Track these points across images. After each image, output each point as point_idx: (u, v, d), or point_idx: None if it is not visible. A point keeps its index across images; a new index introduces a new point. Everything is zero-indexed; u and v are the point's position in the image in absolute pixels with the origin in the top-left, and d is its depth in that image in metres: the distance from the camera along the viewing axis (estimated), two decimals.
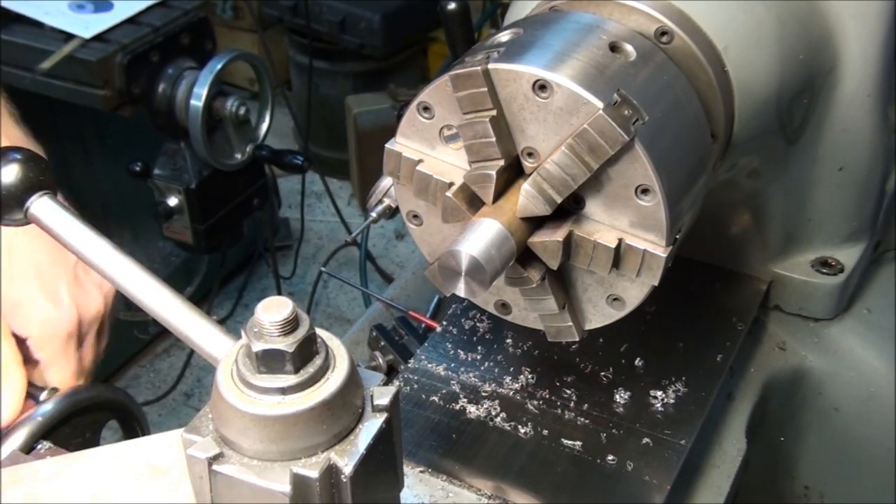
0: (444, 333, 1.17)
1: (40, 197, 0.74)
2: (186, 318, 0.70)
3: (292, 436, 0.62)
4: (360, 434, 0.64)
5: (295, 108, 3.70)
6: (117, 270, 0.73)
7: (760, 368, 1.25)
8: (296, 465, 0.62)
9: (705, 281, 1.27)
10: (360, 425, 0.65)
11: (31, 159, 0.74)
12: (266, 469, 0.62)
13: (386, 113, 3.51)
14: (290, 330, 0.62)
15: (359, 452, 0.63)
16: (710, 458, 1.12)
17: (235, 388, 0.63)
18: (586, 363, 1.13)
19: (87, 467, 0.78)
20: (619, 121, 0.80)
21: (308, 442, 0.63)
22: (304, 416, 0.62)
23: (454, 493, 0.98)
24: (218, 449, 0.63)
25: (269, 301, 0.63)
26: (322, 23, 3.79)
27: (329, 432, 0.63)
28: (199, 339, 0.71)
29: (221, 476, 0.63)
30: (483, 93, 0.84)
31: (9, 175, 0.72)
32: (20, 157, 0.74)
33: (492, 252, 0.81)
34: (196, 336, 0.70)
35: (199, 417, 0.66)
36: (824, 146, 1.16)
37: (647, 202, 0.84)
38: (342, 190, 4.06)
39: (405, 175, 0.92)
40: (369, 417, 0.65)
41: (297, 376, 0.63)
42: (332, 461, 0.63)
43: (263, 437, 0.62)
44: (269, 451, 0.63)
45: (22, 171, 0.73)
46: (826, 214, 1.24)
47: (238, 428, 0.63)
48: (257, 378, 0.63)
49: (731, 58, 0.98)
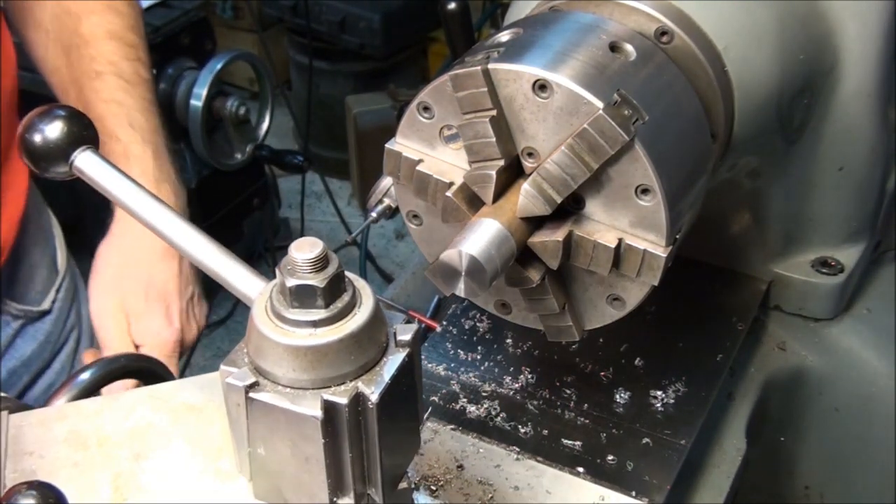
0: (444, 333, 1.17)
1: (84, 151, 0.78)
2: (223, 262, 0.75)
3: (322, 365, 0.67)
4: (385, 366, 0.69)
5: (295, 108, 3.70)
6: (157, 218, 0.77)
7: (760, 368, 1.25)
8: (326, 393, 0.67)
9: (705, 281, 1.27)
10: (384, 358, 0.70)
11: (74, 115, 0.79)
12: (298, 396, 0.67)
13: (386, 113, 3.51)
14: (321, 267, 0.67)
15: (384, 382, 0.68)
16: (710, 458, 1.12)
17: (270, 322, 0.68)
18: (586, 363, 1.13)
19: (126, 406, 0.86)
20: (619, 121, 0.80)
21: (337, 371, 0.67)
22: (334, 346, 0.66)
23: (484, 449, 1.01)
24: (254, 378, 0.68)
25: (301, 241, 0.68)
26: (322, 23, 3.79)
27: (356, 363, 0.68)
28: (235, 280, 0.76)
29: (257, 403, 0.68)
30: (483, 93, 0.84)
31: (54, 131, 0.77)
32: (64, 114, 0.79)
33: (492, 252, 0.81)
34: (232, 278, 0.75)
35: (236, 351, 0.70)
36: (824, 146, 1.16)
37: (647, 202, 0.84)
38: (342, 190, 4.06)
39: (405, 175, 0.92)
40: (393, 351, 0.70)
41: (327, 310, 0.67)
42: (360, 389, 0.67)
43: (296, 366, 0.67)
44: (301, 380, 0.67)
45: (66, 127, 0.78)
46: (826, 214, 1.24)
47: (273, 359, 0.67)
48: (290, 312, 0.67)
49: (731, 58, 0.98)
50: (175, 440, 0.83)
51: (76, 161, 0.78)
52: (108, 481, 0.79)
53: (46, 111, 0.78)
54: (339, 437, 0.68)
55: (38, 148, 0.76)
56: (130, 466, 0.80)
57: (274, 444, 0.70)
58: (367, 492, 0.72)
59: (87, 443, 0.83)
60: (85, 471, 0.80)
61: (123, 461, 0.81)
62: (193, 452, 0.81)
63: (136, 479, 0.79)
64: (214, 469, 0.80)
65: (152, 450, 0.82)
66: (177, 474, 0.80)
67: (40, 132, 0.76)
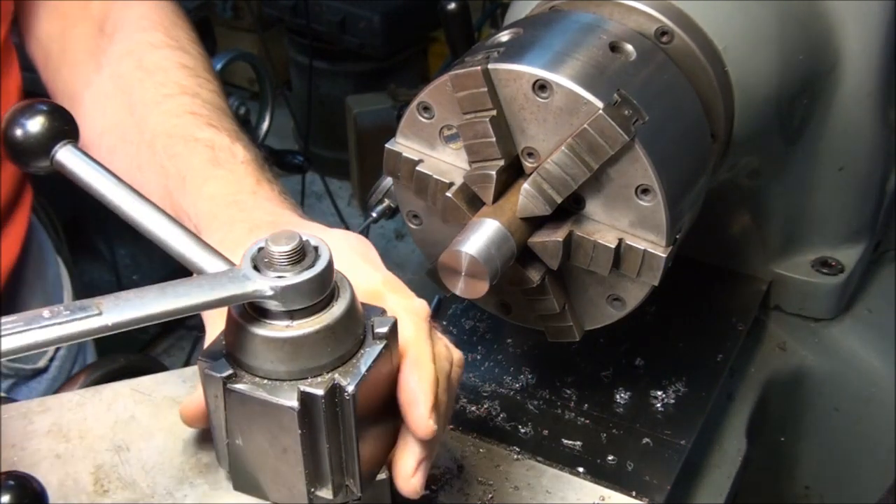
0: (444, 334, 1.17)
1: (65, 145, 0.78)
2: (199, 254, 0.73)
3: (300, 357, 0.68)
4: (361, 358, 0.70)
5: (295, 108, 3.70)
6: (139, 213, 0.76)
7: (760, 368, 1.25)
8: (303, 385, 0.68)
9: (705, 281, 1.27)
10: (361, 350, 0.71)
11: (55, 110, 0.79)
12: (276, 388, 0.68)
13: (386, 113, 3.51)
14: (297, 260, 0.68)
15: (360, 373, 0.69)
16: (710, 458, 1.12)
17: (248, 314, 0.68)
18: (586, 363, 1.13)
19: (108, 399, 0.87)
20: (619, 121, 0.80)
21: (314, 363, 0.68)
22: (311, 338, 0.67)
23: (485, 449, 1.01)
24: (231, 370, 0.69)
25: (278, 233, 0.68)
26: (322, 23, 3.78)
27: (333, 355, 0.69)
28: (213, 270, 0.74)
29: (235, 394, 0.69)
30: (483, 93, 0.84)
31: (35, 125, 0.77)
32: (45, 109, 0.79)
33: (492, 252, 0.81)
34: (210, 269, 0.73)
35: (214, 343, 0.71)
36: (824, 146, 1.16)
37: (647, 202, 0.84)
38: (342, 190, 4.06)
39: (405, 175, 0.92)
40: (370, 344, 0.71)
41: None
42: (336, 381, 0.68)
43: (273, 358, 0.68)
44: (278, 371, 0.68)
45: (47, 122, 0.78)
46: (826, 214, 1.24)
47: (250, 350, 0.68)
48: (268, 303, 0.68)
49: (731, 58, 0.98)
50: (156, 433, 0.83)
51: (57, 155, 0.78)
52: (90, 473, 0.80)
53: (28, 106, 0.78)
54: (316, 429, 0.69)
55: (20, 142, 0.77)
56: (112, 459, 0.81)
57: (252, 435, 0.71)
58: (345, 483, 0.73)
59: (69, 435, 0.84)
60: (66, 463, 0.81)
61: (105, 453, 0.82)
62: (175, 445, 0.82)
63: (118, 472, 0.80)
64: (195, 462, 0.81)
65: (134, 442, 0.83)
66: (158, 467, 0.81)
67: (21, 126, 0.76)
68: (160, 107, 1.13)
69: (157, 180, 1.05)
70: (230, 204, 0.98)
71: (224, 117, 1.13)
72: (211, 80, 1.19)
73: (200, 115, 1.11)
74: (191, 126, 1.09)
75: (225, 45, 3.13)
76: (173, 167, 1.04)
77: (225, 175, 1.02)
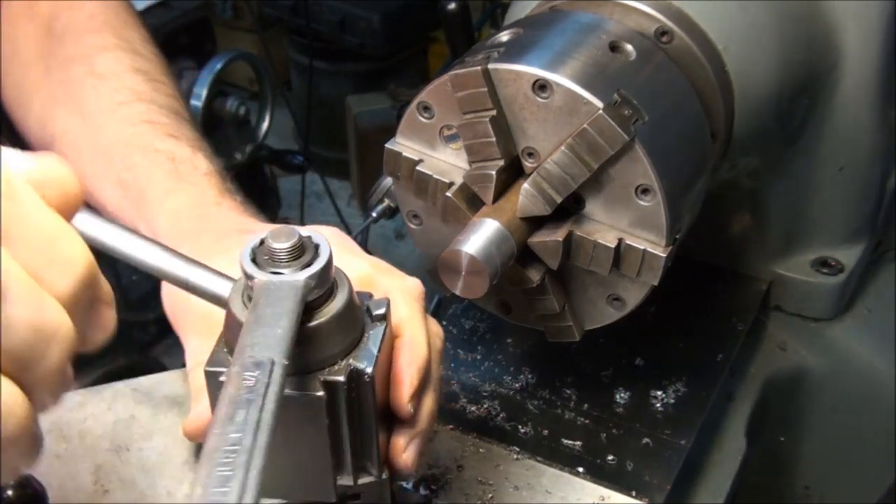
0: (444, 333, 1.17)
1: None
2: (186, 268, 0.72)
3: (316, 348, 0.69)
4: (368, 340, 0.72)
5: (295, 107, 3.70)
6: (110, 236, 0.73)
7: (760, 368, 1.25)
8: (322, 374, 0.69)
9: (705, 281, 1.27)
10: (366, 334, 0.72)
11: None
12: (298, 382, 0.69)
13: (386, 113, 3.50)
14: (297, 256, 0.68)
15: (373, 355, 0.71)
16: (710, 458, 1.12)
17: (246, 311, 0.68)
18: (586, 363, 1.13)
19: (108, 399, 0.88)
20: (619, 121, 0.80)
21: (329, 352, 0.70)
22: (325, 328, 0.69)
23: (484, 449, 1.01)
24: None
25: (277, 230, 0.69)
26: (322, 23, 3.78)
27: (345, 342, 0.71)
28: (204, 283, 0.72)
29: None
30: (483, 93, 0.84)
31: None
32: None
33: (492, 252, 0.81)
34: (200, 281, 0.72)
35: (216, 353, 0.71)
36: (824, 146, 1.16)
37: (647, 202, 0.84)
38: (342, 190, 4.06)
39: (405, 175, 0.92)
40: (372, 326, 0.73)
41: None
42: (353, 365, 0.70)
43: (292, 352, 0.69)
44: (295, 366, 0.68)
45: None
46: (826, 214, 1.24)
47: None
48: None
49: (731, 57, 0.98)
50: (156, 433, 0.84)
51: None
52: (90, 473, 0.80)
53: None
54: (338, 416, 0.70)
55: None
56: (112, 458, 0.82)
57: None
58: (364, 466, 0.74)
59: (69, 435, 0.84)
60: (66, 462, 0.81)
61: (105, 453, 0.82)
62: (174, 445, 0.82)
63: (117, 471, 0.80)
64: (195, 462, 0.81)
65: (134, 442, 0.83)
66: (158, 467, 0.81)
67: None
68: (115, 115, 1.10)
69: (112, 192, 1.03)
70: (194, 218, 0.97)
71: (183, 124, 1.11)
72: (167, 83, 1.17)
73: (159, 123, 1.08)
74: (149, 136, 1.06)
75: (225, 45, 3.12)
76: (131, 179, 1.02)
77: (187, 188, 1.00)
